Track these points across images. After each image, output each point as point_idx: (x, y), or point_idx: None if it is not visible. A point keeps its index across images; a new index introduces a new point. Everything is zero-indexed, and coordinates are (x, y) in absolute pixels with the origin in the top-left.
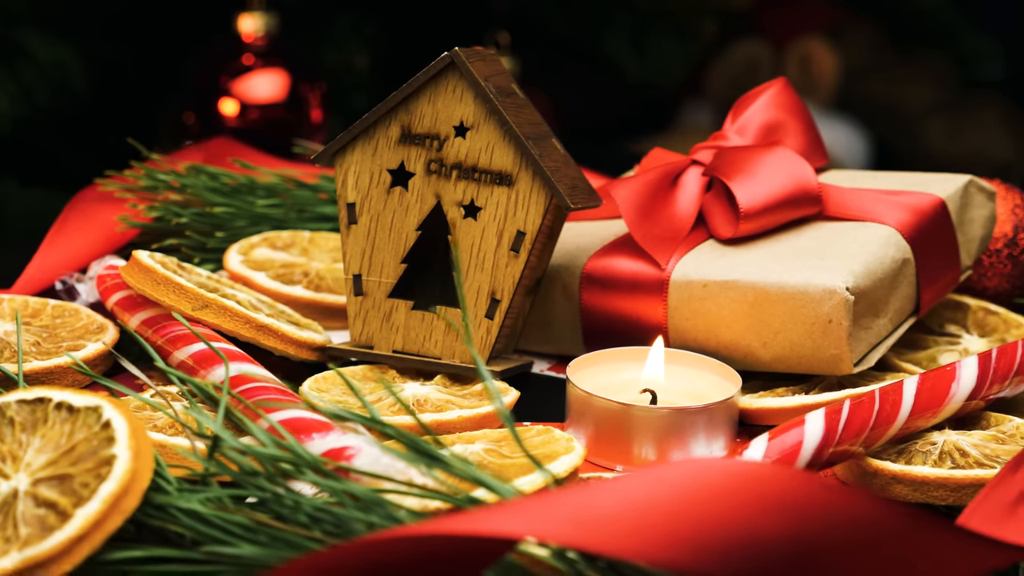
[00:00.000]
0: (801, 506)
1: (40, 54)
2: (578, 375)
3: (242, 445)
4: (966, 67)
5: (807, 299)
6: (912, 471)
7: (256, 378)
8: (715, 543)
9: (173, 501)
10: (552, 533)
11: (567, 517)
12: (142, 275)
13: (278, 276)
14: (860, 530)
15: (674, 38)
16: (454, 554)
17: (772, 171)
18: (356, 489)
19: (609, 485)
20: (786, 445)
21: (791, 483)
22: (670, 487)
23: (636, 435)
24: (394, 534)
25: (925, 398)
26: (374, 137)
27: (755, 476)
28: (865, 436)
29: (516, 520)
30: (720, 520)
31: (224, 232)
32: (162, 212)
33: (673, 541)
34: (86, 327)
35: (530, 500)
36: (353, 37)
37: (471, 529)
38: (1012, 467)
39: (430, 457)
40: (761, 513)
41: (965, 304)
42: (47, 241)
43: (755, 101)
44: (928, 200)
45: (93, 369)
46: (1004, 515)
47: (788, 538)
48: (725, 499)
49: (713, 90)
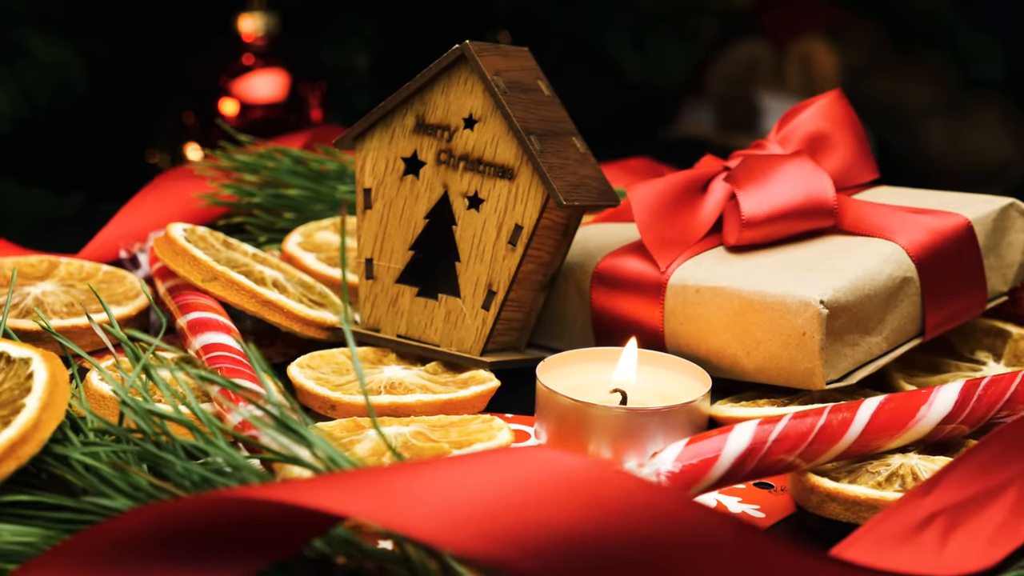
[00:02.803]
0: (622, 506)
1: (40, 54)
2: (555, 372)
3: (148, 407)
4: (966, 67)
5: (785, 310)
6: (845, 490)
7: (220, 347)
8: (531, 538)
9: (71, 453)
10: (370, 512)
11: (389, 498)
12: (166, 246)
13: (329, 259)
14: (682, 536)
15: (674, 38)
16: (281, 522)
17: (785, 181)
18: (224, 453)
19: (437, 470)
20: (702, 452)
21: (614, 482)
22: (494, 477)
23: (593, 433)
24: (215, 496)
25: (885, 419)
26: (391, 125)
27: (577, 473)
28: (802, 450)
29: (338, 496)
30: (537, 515)
31: (295, 214)
32: (235, 191)
33: (487, 533)
34: (125, 293)
35: (358, 477)
36: (353, 37)
37: (292, 499)
38: (923, 490)
39: (294, 432)
40: (578, 510)
41: (1007, 332)
42: (121, 212)
43: (805, 110)
44: (952, 221)
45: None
46: (902, 538)
47: (606, 537)
48: (545, 494)
49: (713, 90)
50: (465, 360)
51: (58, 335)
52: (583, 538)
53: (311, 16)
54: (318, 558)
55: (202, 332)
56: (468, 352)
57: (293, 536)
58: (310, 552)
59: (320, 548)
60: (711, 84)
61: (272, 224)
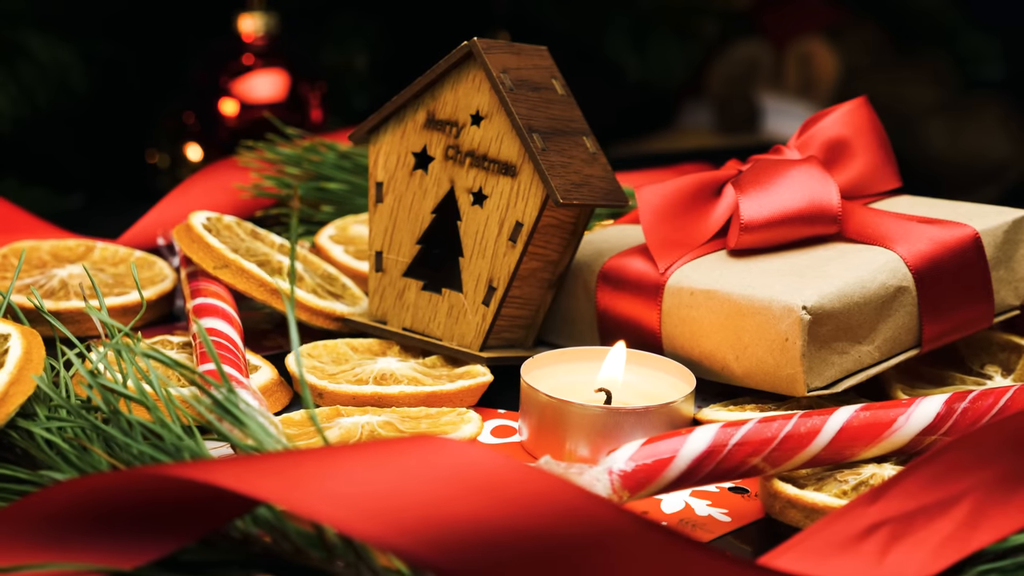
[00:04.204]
0: (527, 501)
1: (40, 54)
2: (542, 370)
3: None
4: (966, 67)
5: (770, 315)
6: (804, 497)
7: (213, 332)
8: (434, 529)
9: (32, 427)
10: (276, 495)
11: (298, 483)
12: (184, 233)
13: (358, 252)
14: (586, 533)
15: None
16: (204, 501)
17: (788, 186)
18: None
19: (349, 457)
20: (657, 452)
21: (521, 477)
22: (403, 468)
23: (570, 431)
24: (136, 472)
25: (858, 428)
26: (403, 120)
27: (486, 467)
28: (766, 455)
29: (248, 478)
30: (441, 507)
31: (334, 207)
32: (277, 183)
33: (389, 522)
34: (151, 278)
35: (272, 460)
36: (353, 37)
37: (206, 478)
38: (870, 498)
39: (229, 414)
40: (484, 503)
41: (1022, 346)
42: (164, 200)
43: (827, 117)
44: (958, 232)
45: (133, 316)
46: (840, 547)
47: (509, 532)
48: (452, 486)
49: (713, 90)
50: (464, 355)
51: (49, 315)
52: (487, 531)
53: (311, 16)
54: (242, 537)
55: (202, 317)
56: (468, 347)
57: (215, 515)
58: (234, 532)
59: (243, 528)
60: (711, 84)
61: (311, 216)
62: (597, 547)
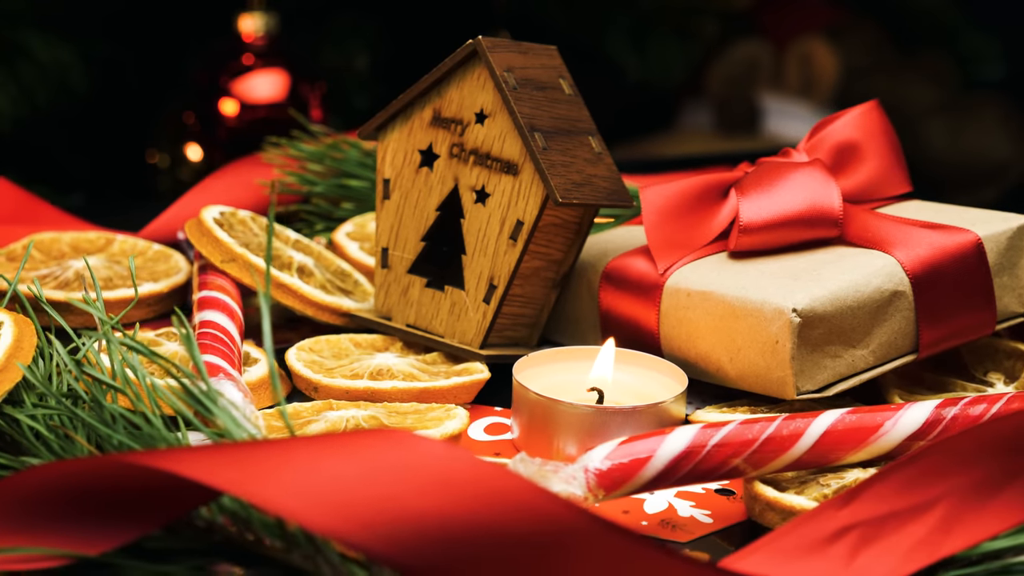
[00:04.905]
0: (477, 495)
1: (40, 54)
2: (536, 369)
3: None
4: (966, 67)
5: (761, 317)
6: (782, 499)
7: (211, 324)
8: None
9: (17, 414)
10: (232, 485)
11: (254, 473)
12: (196, 226)
13: (373, 249)
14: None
15: (674, 38)
16: (167, 488)
17: (789, 189)
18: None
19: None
20: (634, 452)
21: (471, 471)
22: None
23: (559, 430)
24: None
25: (843, 432)
26: (411, 117)
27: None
28: (747, 457)
29: (206, 467)
30: (392, 499)
31: (354, 204)
32: (299, 180)
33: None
34: (166, 271)
35: (232, 450)
36: (353, 37)
37: (165, 466)
38: (841, 501)
39: (199, 403)
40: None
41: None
42: (187, 195)
43: (837, 120)
44: (960, 237)
45: (147, 307)
46: (807, 550)
47: (458, 525)
48: (404, 479)
49: (713, 90)
50: (463, 352)
51: (47, 305)
52: (444, 527)
53: (311, 16)
54: (205, 526)
55: (204, 309)
56: (468, 344)
57: (179, 503)
58: (198, 520)
59: (208, 516)
60: (711, 84)
61: (331, 213)
62: (555, 546)
